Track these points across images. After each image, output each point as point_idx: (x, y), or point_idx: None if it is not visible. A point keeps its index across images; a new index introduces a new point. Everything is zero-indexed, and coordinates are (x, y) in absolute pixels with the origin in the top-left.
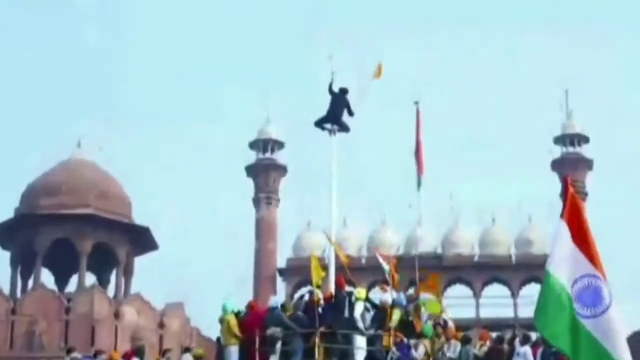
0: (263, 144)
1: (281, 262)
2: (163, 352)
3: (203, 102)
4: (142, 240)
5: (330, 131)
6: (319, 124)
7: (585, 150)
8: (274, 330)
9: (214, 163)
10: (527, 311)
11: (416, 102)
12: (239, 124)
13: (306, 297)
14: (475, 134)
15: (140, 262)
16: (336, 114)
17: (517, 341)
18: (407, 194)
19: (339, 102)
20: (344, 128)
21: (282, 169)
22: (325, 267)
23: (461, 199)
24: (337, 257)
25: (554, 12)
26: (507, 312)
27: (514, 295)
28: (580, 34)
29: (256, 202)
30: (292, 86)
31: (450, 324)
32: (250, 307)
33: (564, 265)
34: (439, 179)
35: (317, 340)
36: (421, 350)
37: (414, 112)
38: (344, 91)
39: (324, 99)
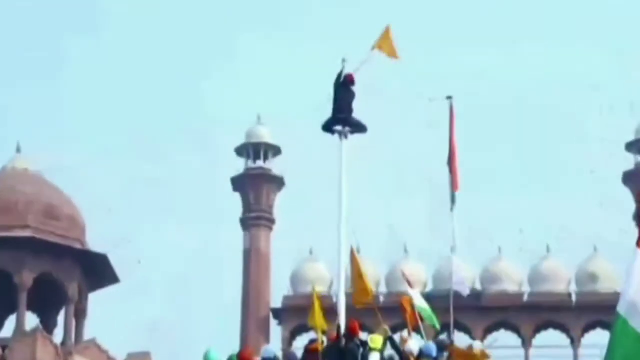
0: (253, 150)
1: (276, 301)
2: None
3: (179, 93)
4: (98, 271)
5: (341, 134)
6: (328, 127)
7: None
8: None
9: (191, 174)
10: None
11: (449, 97)
12: (222, 124)
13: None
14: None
15: (96, 299)
16: (344, 111)
17: None
18: (435, 214)
19: (346, 96)
20: (359, 128)
21: (277, 182)
22: (329, 309)
23: (505, 221)
24: (350, 293)
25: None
26: None
27: (574, 344)
28: None
29: (244, 223)
30: (290, 76)
31: None
32: (238, 359)
33: None
34: (476, 195)
35: None
36: None
37: (446, 109)
38: (349, 81)
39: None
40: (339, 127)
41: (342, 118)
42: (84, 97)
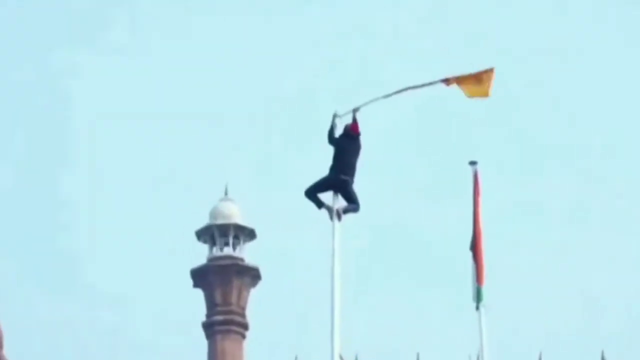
0: (220, 233)
1: None
2: None
3: None
4: None
5: (331, 212)
6: (313, 194)
7: None
8: None
9: (141, 264)
10: None
11: (473, 163)
12: (180, 199)
13: None
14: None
15: None
16: (343, 173)
17: None
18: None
19: (349, 153)
20: (352, 204)
21: (251, 274)
22: None
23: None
24: None
25: None
26: None
27: None
28: None
29: (209, 329)
30: (261, 137)
31: None
32: None
33: None
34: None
35: None
36: None
37: (469, 178)
38: (353, 133)
39: (321, 160)
40: (330, 204)
41: (336, 180)
42: None
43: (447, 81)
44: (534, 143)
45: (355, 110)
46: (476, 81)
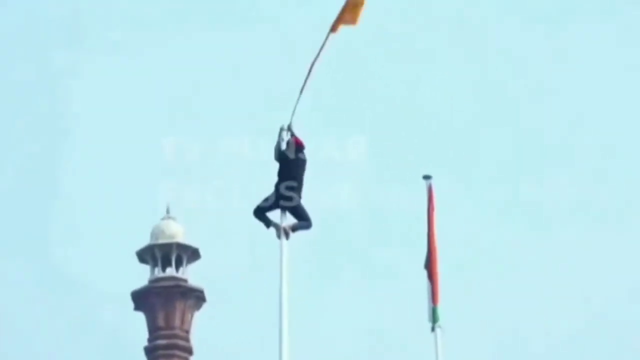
0: (162, 253)
1: None
2: None
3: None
4: None
5: (279, 230)
6: (261, 212)
7: None
8: None
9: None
10: None
11: (427, 177)
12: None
13: None
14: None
15: None
16: (288, 189)
17: None
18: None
19: (293, 168)
20: (302, 221)
21: (195, 296)
22: None
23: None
24: None
25: None
26: None
27: None
28: None
29: (151, 354)
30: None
31: None
32: None
33: None
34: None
35: None
36: None
37: (422, 193)
38: (296, 146)
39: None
40: (278, 222)
41: (287, 200)
42: None
43: (334, 29)
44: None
45: (288, 128)
46: (351, 9)
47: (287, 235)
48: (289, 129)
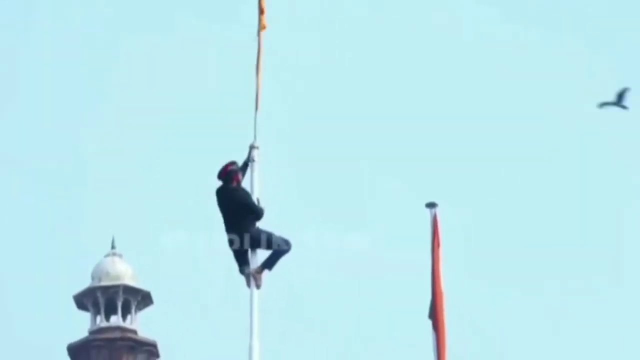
0: (105, 298)
1: None
2: None
3: None
4: None
5: (247, 278)
6: (236, 261)
7: None
8: None
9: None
10: None
11: (431, 205)
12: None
13: None
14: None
15: None
16: (228, 233)
17: None
18: None
19: (225, 207)
20: (272, 251)
21: (146, 352)
22: None
23: None
24: None
25: None
26: None
27: None
28: None
29: None
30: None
31: None
32: None
33: None
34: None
35: None
36: None
37: (426, 223)
38: (223, 177)
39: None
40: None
41: (231, 243)
42: None
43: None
44: None
45: (252, 148)
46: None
47: (256, 283)
48: (251, 149)
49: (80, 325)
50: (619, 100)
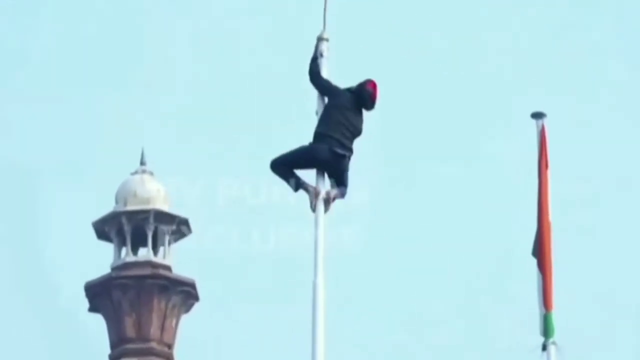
0: (132, 226)
1: None
2: None
3: None
4: None
5: (314, 196)
6: (287, 169)
7: None
8: None
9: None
10: None
11: (538, 115)
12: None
13: None
14: None
15: None
16: (341, 145)
17: None
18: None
19: (353, 115)
20: (342, 187)
21: (183, 293)
22: None
23: None
24: None
25: None
26: None
27: None
28: None
29: None
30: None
31: None
32: None
33: None
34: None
35: None
36: None
37: (531, 137)
38: (370, 97)
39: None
40: (312, 185)
41: (339, 158)
42: None
43: None
44: None
45: (320, 40)
46: None
47: (327, 205)
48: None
49: (101, 259)
50: None
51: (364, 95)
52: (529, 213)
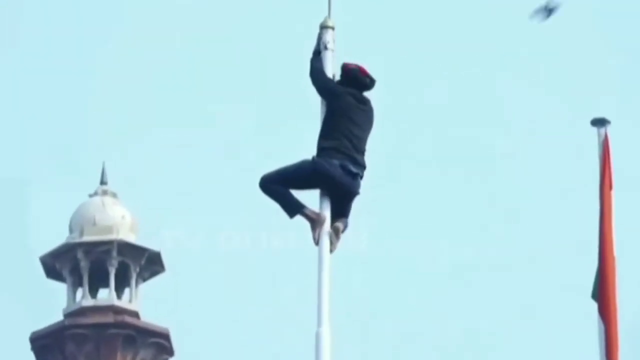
0: (90, 264)
1: None
2: None
3: None
4: None
5: (318, 225)
6: (282, 188)
7: None
8: None
9: None
10: None
11: (599, 122)
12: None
13: None
14: None
15: None
16: (352, 160)
17: None
18: None
19: (360, 120)
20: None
21: (153, 344)
22: None
23: None
24: None
25: None
26: None
27: None
28: None
29: None
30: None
31: None
32: None
33: None
34: None
35: None
36: None
37: (591, 147)
38: (363, 80)
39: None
40: (317, 212)
41: (353, 177)
42: None
43: None
44: None
45: (323, 29)
46: None
47: (336, 237)
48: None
49: (52, 303)
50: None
51: (356, 80)
52: (589, 246)
